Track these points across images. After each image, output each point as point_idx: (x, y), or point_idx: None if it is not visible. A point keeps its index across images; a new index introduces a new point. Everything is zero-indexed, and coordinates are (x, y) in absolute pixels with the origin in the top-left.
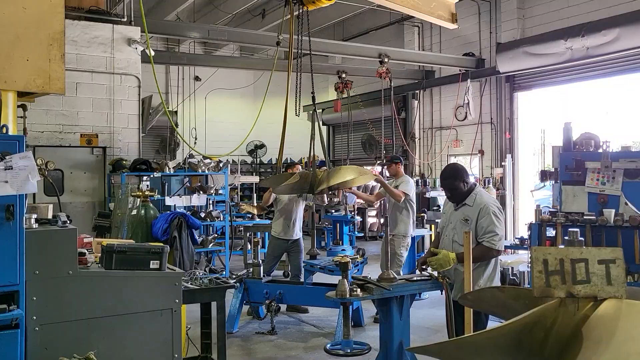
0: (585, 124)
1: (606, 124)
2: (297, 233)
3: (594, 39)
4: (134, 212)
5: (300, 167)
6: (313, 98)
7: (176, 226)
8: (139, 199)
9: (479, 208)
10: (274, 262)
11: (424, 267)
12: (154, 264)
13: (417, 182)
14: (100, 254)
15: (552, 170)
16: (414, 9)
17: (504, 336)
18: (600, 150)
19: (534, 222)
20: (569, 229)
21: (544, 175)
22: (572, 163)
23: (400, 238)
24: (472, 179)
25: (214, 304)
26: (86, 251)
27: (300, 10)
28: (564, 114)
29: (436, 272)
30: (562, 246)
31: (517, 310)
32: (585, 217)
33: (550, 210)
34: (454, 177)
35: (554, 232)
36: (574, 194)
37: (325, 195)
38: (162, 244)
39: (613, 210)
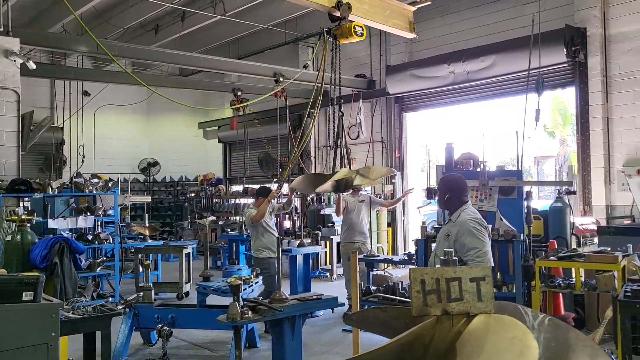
0: (465, 144)
1: (484, 144)
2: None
3: (474, 64)
4: (9, 237)
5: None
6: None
7: (57, 251)
8: (14, 224)
9: (459, 226)
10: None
11: None
12: (26, 296)
13: (312, 199)
14: None
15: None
16: (366, 17)
17: (385, 355)
18: (479, 169)
19: (419, 238)
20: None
21: (430, 193)
22: None
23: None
24: (467, 199)
25: (98, 334)
26: None
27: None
28: (447, 134)
29: None
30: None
31: (399, 329)
32: None
33: (435, 226)
34: (454, 183)
35: None
36: None
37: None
38: (37, 274)
39: (490, 226)
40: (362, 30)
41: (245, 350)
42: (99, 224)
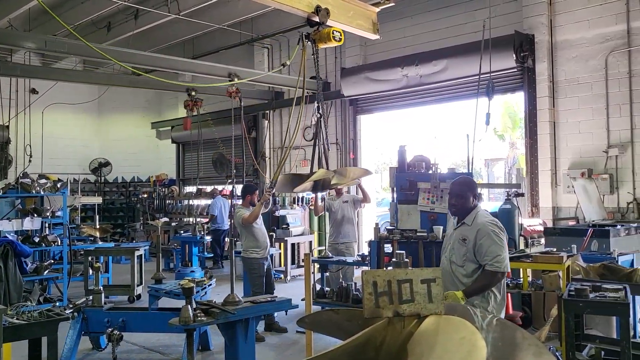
0: (418, 146)
1: (435, 146)
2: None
3: (426, 68)
4: None
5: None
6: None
7: (1, 255)
8: None
9: (477, 228)
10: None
11: None
12: None
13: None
14: None
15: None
16: (330, 17)
17: (338, 357)
18: (430, 172)
19: (373, 239)
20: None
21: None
22: (406, 183)
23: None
24: (478, 201)
25: (45, 339)
26: None
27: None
28: (401, 136)
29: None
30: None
31: (351, 331)
32: (418, 233)
33: (388, 227)
34: (467, 185)
35: (391, 248)
36: (409, 212)
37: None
38: None
39: (442, 227)
40: (340, 35)
41: (198, 353)
42: (47, 225)
